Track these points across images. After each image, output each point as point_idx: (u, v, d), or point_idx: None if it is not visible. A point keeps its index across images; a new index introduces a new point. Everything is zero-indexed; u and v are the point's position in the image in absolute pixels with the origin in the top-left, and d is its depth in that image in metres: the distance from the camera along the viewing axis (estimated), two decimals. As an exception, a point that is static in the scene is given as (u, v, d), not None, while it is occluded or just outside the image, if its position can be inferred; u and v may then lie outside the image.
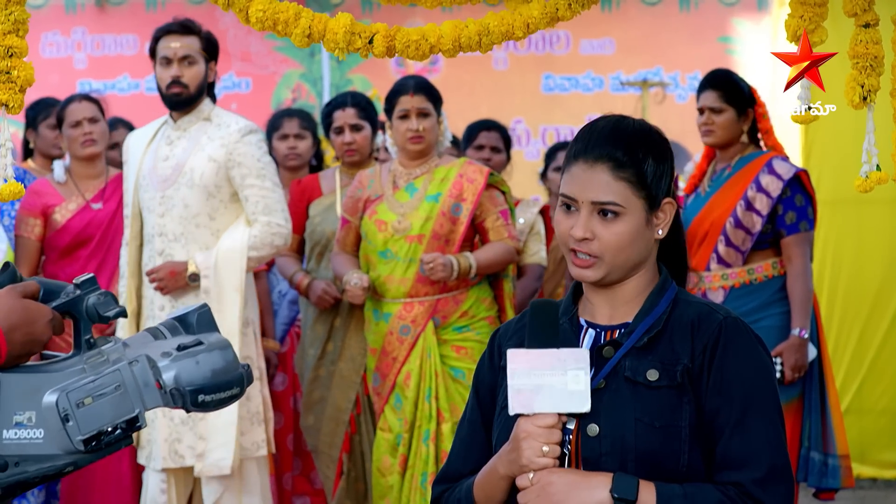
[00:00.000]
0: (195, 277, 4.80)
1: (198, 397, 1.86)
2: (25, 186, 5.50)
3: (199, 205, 4.86)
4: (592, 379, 2.21)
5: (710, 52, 8.78)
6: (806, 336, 4.95)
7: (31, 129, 6.08)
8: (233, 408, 4.64)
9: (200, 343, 1.89)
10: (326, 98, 8.52)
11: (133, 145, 5.11)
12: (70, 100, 5.55)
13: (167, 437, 4.78)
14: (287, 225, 4.91)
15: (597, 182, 2.24)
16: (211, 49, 5.02)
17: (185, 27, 4.98)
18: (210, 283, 4.78)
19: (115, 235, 5.40)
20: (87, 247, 5.43)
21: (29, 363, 1.85)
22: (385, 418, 4.96)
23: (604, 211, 2.24)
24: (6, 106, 2.64)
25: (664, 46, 9.01)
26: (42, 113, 6.02)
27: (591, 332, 2.31)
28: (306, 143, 6.15)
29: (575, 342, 2.29)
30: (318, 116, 6.58)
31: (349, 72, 8.91)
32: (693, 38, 9.00)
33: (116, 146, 6.02)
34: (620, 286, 2.30)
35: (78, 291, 1.90)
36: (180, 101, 4.95)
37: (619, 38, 9.04)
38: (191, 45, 4.95)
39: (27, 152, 6.15)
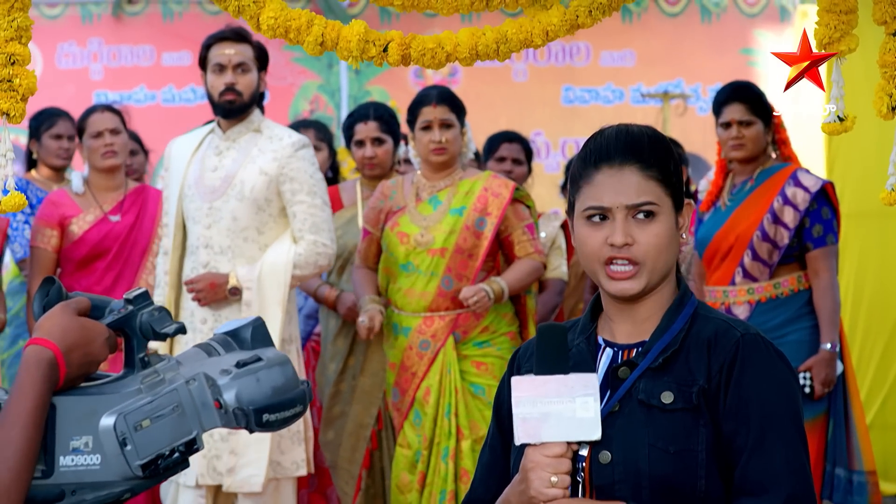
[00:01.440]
0: (235, 291, 4.69)
1: (262, 417, 1.77)
2: (27, 198, 5.51)
3: (248, 218, 4.75)
4: (607, 401, 2.15)
5: (731, 63, 8.74)
6: (836, 350, 4.89)
7: (33, 140, 6.04)
8: None
9: (259, 359, 1.80)
10: (345, 109, 8.49)
11: (176, 154, 4.98)
12: (92, 110, 5.48)
13: (205, 454, 4.66)
14: (332, 245, 4.80)
15: (628, 184, 2.17)
16: (262, 58, 4.90)
17: (238, 34, 4.85)
18: (253, 295, 4.67)
19: (132, 248, 5.35)
20: (104, 259, 5.38)
21: (82, 384, 1.77)
22: (404, 434, 4.90)
23: (640, 213, 2.17)
24: (7, 115, 2.59)
25: (685, 58, 8.97)
26: (45, 123, 5.98)
27: (609, 350, 2.24)
28: (322, 154, 6.11)
29: (591, 362, 2.22)
30: (335, 128, 6.54)
31: (367, 83, 8.88)
32: (715, 49, 8.96)
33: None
34: (642, 301, 2.22)
35: (130, 307, 1.81)
36: (233, 110, 4.81)
37: (640, 50, 9.01)
38: (244, 52, 4.83)
39: (30, 163, 6.11)
